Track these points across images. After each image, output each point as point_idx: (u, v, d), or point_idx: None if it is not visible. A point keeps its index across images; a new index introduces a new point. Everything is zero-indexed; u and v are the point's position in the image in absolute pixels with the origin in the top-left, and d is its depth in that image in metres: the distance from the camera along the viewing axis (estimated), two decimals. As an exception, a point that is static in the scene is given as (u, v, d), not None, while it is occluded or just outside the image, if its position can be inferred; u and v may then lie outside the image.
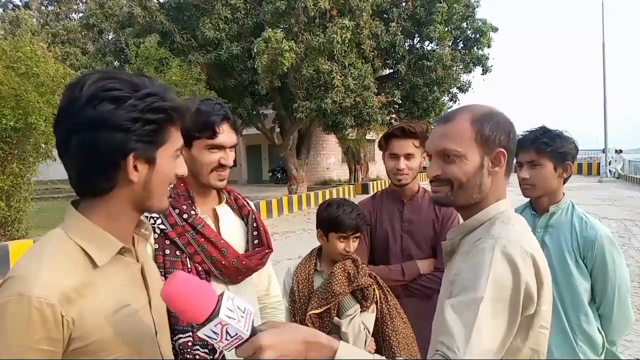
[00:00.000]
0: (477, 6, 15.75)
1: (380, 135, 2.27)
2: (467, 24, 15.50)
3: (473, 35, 15.65)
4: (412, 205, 2.21)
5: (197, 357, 1.48)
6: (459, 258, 1.17)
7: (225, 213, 1.71)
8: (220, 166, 1.61)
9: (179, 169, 1.07)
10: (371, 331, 1.87)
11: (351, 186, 19.40)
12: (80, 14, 22.33)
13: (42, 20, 19.95)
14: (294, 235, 10.07)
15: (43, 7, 23.95)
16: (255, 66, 12.36)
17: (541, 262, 1.09)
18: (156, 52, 12.58)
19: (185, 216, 1.55)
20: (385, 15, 14.84)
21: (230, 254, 1.57)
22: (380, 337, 1.90)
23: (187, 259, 1.52)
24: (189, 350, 1.47)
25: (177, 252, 1.52)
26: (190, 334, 1.47)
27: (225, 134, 1.61)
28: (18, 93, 7.62)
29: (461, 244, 1.21)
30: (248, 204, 1.80)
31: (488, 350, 0.98)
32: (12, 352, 0.86)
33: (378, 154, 2.39)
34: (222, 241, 1.58)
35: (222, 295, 0.88)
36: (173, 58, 12.86)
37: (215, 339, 0.86)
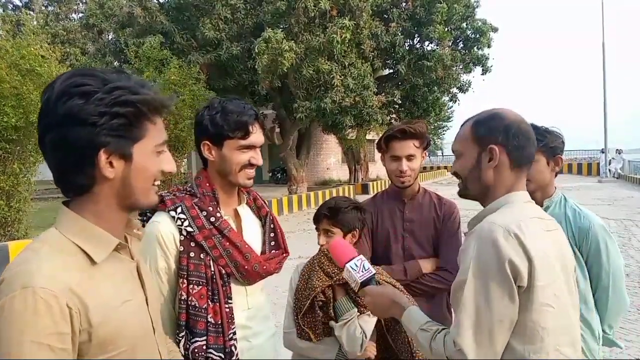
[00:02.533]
0: (477, 6, 15.74)
1: (380, 135, 2.28)
2: (467, 24, 15.48)
3: (473, 36, 15.63)
4: (412, 205, 2.21)
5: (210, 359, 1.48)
6: None
7: (246, 214, 1.73)
8: (250, 165, 1.62)
9: (165, 164, 1.07)
10: (369, 335, 1.80)
11: (351, 186, 19.37)
12: (80, 14, 22.34)
13: (41, 21, 19.92)
14: (294, 235, 10.06)
15: (43, 8, 23.94)
16: (256, 66, 12.35)
17: (530, 242, 1.16)
18: (158, 53, 12.51)
19: (212, 219, 1.55)
20: (385, 16, 14.82)
21: (253, 258, 1.59)
22: (384, 340, 1.88)
23: (211, 261, 1.53)
24: (202, 353, 1.47)
25: (201, 255, 1.53)
26: (205, 337, 1.48)
27: (257, 134, 1.61)
28: (20, 92, 7.61)
29: None
30: (266, 204, 1.80)
31: (478, 321, 1.13)
32: (22, 350, 0.83)
33: (378, 154, 2.37)
34: (247, 246, 1.59)
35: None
36: (173, 58, 12.81)
37: (355, 270, 1.50)
